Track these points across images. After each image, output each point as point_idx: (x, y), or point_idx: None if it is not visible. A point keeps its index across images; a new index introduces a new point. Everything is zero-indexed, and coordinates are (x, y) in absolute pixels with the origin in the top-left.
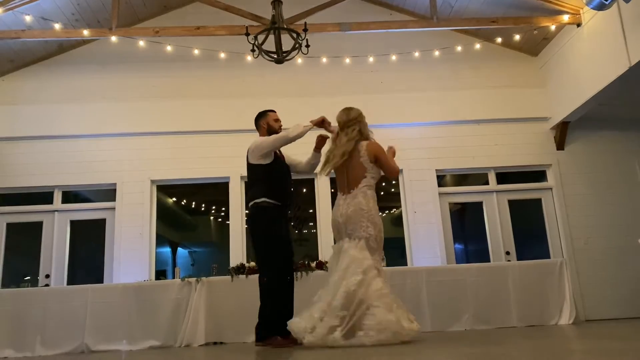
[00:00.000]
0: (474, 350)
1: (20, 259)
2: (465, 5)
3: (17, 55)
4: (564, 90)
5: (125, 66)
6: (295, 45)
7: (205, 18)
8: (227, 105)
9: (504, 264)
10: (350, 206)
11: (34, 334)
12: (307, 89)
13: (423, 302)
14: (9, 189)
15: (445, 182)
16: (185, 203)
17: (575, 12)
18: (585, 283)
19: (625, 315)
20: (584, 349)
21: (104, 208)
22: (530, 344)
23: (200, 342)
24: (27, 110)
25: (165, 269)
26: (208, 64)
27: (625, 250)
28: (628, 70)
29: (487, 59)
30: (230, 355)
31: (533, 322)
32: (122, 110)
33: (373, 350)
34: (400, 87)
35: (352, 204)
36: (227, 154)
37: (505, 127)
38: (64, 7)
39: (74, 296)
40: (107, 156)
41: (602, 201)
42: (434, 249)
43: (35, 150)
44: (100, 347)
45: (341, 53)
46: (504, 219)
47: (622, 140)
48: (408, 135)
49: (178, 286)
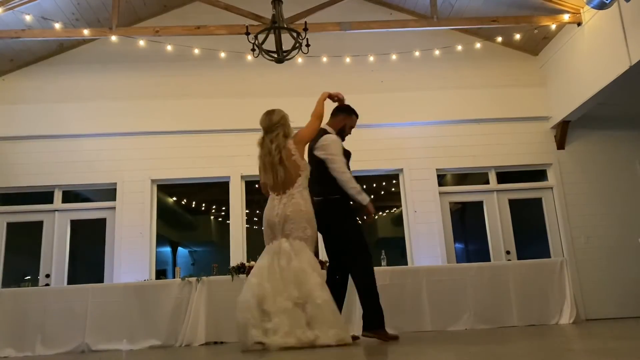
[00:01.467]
0: (474, 350)
1: (20, 259)
2: (466, 5)
3: (18, 55)
4: (564, 90)
5: (126, 66)
6: (295, 45)
7: (206, 17)
8: (227, 105)
9: (504, 264)
10: (288, 206)
11: (35, 333)
12: (308, 89)
13: (423, 301)
14: (10, 189)
15: (445, 181)
16: (185, 202)
17: (576, 11)
18: (586, 282)
19: (626, 314)
20: (584, 349)
21: (104, 207)
22: (530, 344)
23: (201, 342)
24: (27, 110)
25: (166, 269)
26: (208, 63)
27: (626, 250)
28: (628, 69)
29: (488, 59)
30: (230, 355)
31: (533, 322)
32: (123, 109)
33: (374, 349)
34: (401, 87)
35: (289, 205)
36: (227, 154)
37: (506, 127)
38: (64, 7)
39: (75, 296)
40: (107, 155)
41: (603, 200)
42: (434, 249)
43: (36, 149)
44: (100, 347)
45: (341, 52)
46: (505, 219)
47: (622, 140)
48: (408, 135)
49: (178, 286)
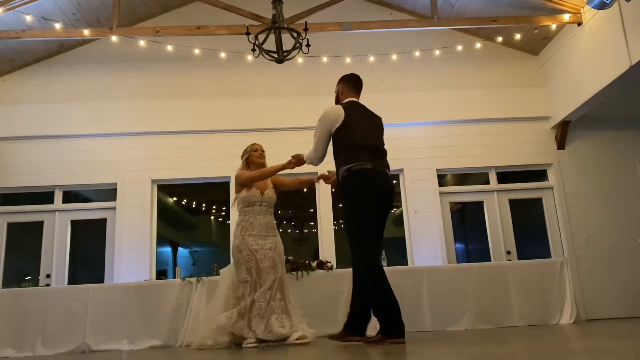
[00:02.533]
0: (475, 350)
1: (21, 259)
2: (466, 5)
3: (18, 55)
4: (564, 90)
5: (126, 66)
6: (295, 45)
7: (206, 17)
8: (227, 105)
9: (504, 264)
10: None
11: (35, 333)
12: (308, 89)
13: (424, 301)
14: (10, 189)
15: (446, 181)
16: (185, 202)
17: (576, 11)
18: (586, 282)
19: (626, 314)
20: (585, 349)
21: (104, 208)
22: (531, 344)
23: None
24: (28, 110)
25: (166, 269)
26: (209, 63)
27: (627, 250)
28: (629, 69)
29: (488, 58)
30: (231, 355)
31: (534, 322)
32: (123, 109)
33: (375, 349)
34: (401, 87)
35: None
36: (228, 154)
37: (506, 127)
38: (64, 7)
39: (75, 296)
40: (107, 156)
41: (603, 200)
42: (434, 249)
43: (36, 149)
44: (101, 347)
45: (342, 52)
46: (505, 219)
47: (623, 140)
48: (409, 135)
49: (179, 286)
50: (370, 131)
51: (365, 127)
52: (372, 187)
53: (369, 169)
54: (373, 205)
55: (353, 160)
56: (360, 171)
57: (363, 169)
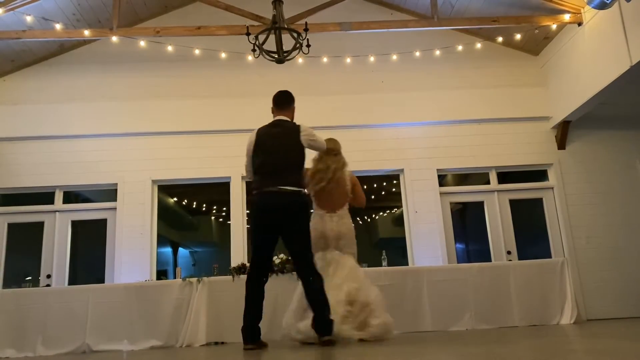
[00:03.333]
0: (475, 350)
1: (21, 259)
2: (466, 5)
3: (18, 56)
4: (565, 90)
5: (126, 66)
6: (296, 45)
7: (206, 18)
8: (228, 105)
9: (505, 264)
10: (341, 225)
11: (35, 334)
12: (308, 89)
13: (424, 301)
14: (10, 189)
15: (446, 181)
16: (186, 203)
17: (576, 11)
18: (587, 282)
19: (627, 314)
20: (585, 349)
21: (105, 208)
22: (532, 344)
23: (202, 342)
24: (28, 110)
25: (167, 269)
26: (209, 63)
27: (627, 250)
28: (629, 69)
29: (488, 59)
30: (231, 356)
31: (534, 322)
32: (123, 110)
33: (379, 349)
34: (401, 87)
35: (341, 224)
36: (228, 154)
37: (507, 127)
38: (64, 7)
39: (75, 296)
40: (108, 156)
41: (604, 200)
42: (435, 249)
43: (37, 150)
44: (101, 347)
45: (342, 53)
46: (505, 219)
47: (623, 140)
48: (409, 135)
49: (179, 286)
50: (273, 152)
51: (268, 149)
52: (256, 211)
53: (256, 193)
54: (257, 228)
55: (254, 187)
56: (253, 197)
57: (254, 194)
